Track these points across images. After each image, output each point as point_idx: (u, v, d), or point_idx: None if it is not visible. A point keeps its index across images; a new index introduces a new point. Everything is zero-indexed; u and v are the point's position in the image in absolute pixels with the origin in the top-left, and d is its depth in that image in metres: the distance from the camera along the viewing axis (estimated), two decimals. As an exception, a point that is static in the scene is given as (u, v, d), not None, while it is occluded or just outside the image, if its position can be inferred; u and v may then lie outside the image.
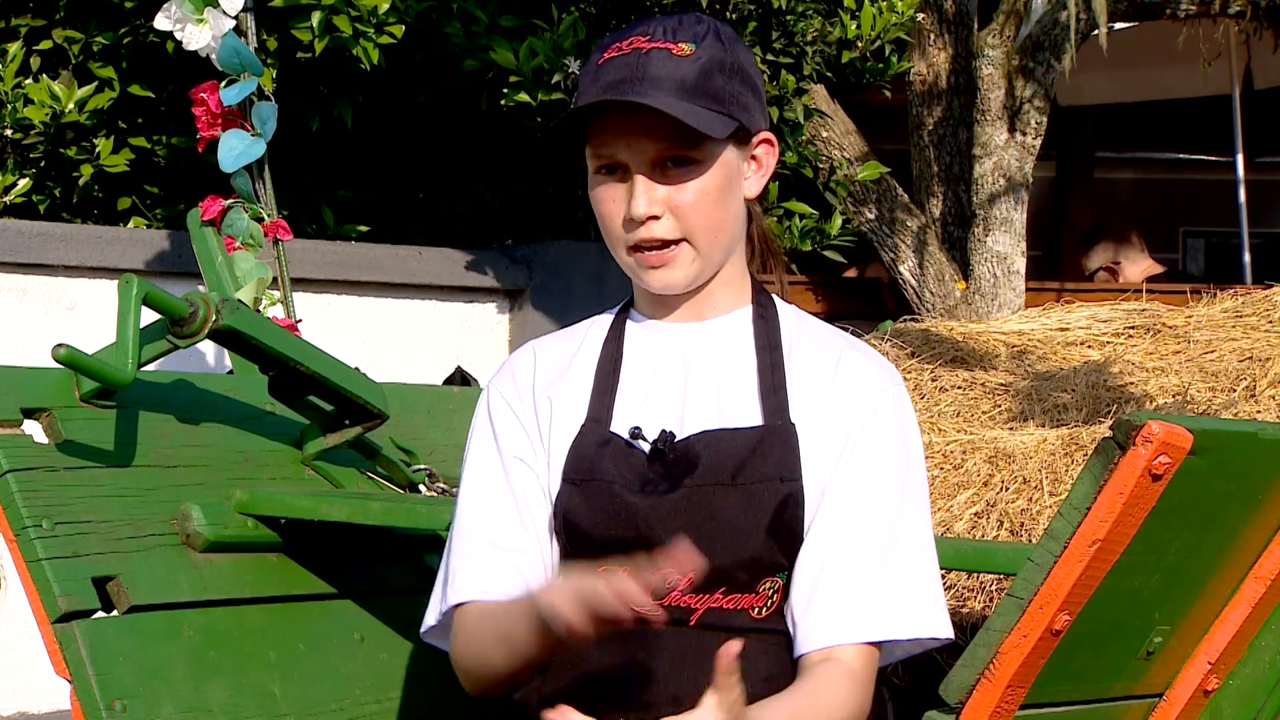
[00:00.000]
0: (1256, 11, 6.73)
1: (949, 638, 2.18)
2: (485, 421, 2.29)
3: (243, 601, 2.52)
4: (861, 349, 2.28)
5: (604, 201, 2.21)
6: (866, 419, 2.20)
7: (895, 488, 2.18)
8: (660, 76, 2.16)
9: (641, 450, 2.19)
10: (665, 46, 2.18)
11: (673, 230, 2.19)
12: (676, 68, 2.17)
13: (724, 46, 2.20)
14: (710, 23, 2.22)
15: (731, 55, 2.20)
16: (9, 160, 5.22)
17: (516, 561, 2.21)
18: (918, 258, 6.53)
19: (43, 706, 4.60)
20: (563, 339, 2.33)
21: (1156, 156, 15.04)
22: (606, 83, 2.17)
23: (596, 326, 2.32)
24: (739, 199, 2.24)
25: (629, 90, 2.15)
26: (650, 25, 2.21)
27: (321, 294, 5.22)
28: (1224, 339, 3.66)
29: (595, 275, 5.61)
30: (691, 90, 2.16)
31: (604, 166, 2.21)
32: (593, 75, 2.20)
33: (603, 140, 2.19)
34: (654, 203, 2.18)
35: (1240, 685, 2.29)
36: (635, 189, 2.18)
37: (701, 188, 2.18)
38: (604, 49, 2.21)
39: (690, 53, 2.18)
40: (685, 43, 2.18)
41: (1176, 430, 1.91)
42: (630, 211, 2.18)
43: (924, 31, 6.56)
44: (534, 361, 2.31)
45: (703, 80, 2.17)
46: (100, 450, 2.43)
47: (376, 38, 4.73)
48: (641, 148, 2.18)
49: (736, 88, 2.20)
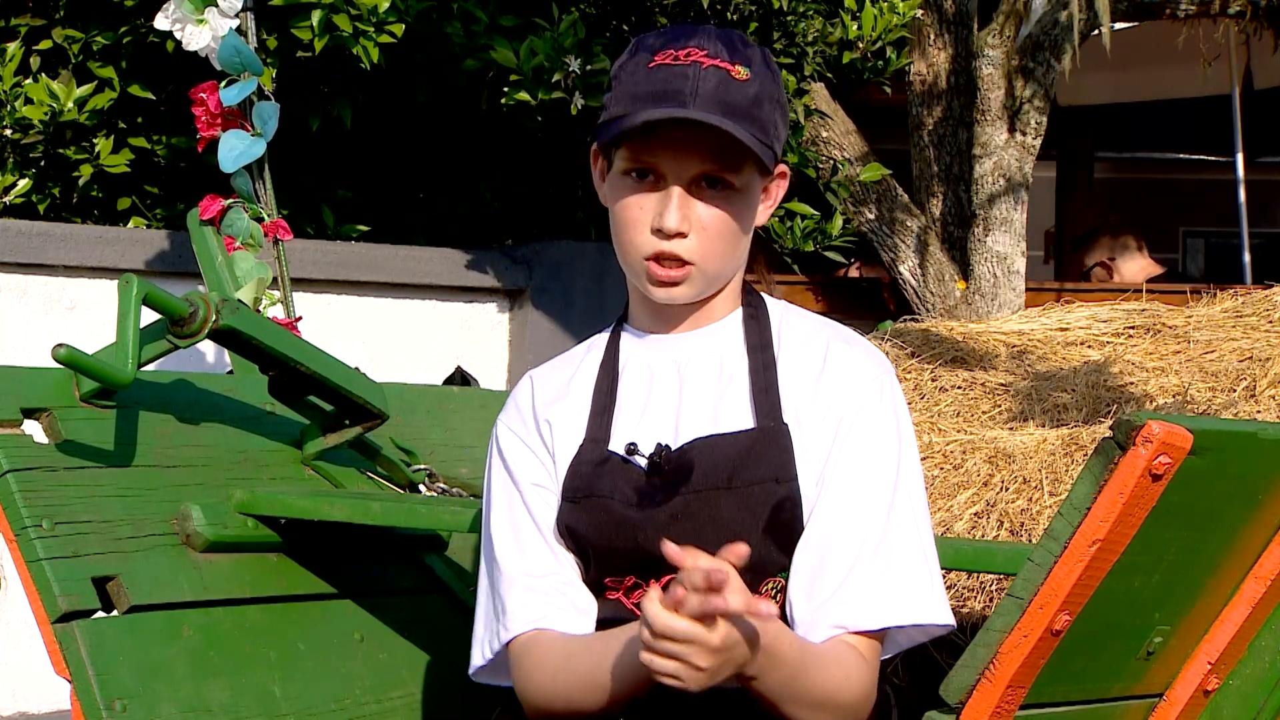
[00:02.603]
0: (1256, 11, 6.73)
1: (950, 623, 2.18)
2: (498, 457, 2.31)
3: (243, 601, 2.52)
4: (849, 339, 2.28)
5: (630, 206, 2.20)
6: (857, 408, 2.21)
7: (889, 476, 2.19)
8: (717, 96, 2.15)
9: (639, 465, 2.20)
10: (724, 67, 2.17)
11: (691, 253, 2.19)
12: (736, 91, 2.16)
13: (773, 76, 2.21)
14: (759, 49, 2.23)
15: (777, 86, 2.22)
16: (9, 160, 5.22)
17: (559, 587, 2.22)
18: (918, 258, 6.53)
19: (43, 706, 4.61)
20: (560, 366, 2.35)
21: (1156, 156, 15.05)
22: (660, 90, 2.16)
23: (593, 350, 2.33)
24: (752, 229, 2.26)
25: (689, 102, 2.14)
26: (705, 39, 2.19)
27: (321, 294, 5.22)
28: (1224, 339, 3.66)
29: (595, 275, 5.61)
30: (743, 116, 2.16)
31: (636, 170, 2.20)
32: (643, 76, 2.18)
33: (646, 146, 2.18)
34: (686, 219, 2.18)
35: (1240, 685, 2.29)
36: (671, 201, 2.17)
37: (729, 214, 2.19)
38: (653, 51, 2.19)
39: (746, 78, 2.17)
40: (741, 66, 2.18)
41: (1176, 430, 1.91)
42: (662, 222, 2.18)
43: (924, 31, 6.57)
44: (532, 390, 2.33)
45: (755, 109, 2.17)
46: (100, 450, 2.43)
47: (376, 37, 4.73)
48: (687, 163, 2.17)
49: (778, 119, 2.21)
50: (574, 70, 4.87)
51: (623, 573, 2.20)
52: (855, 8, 5.45)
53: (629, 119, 2.15)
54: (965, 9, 6.67)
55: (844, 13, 5.44)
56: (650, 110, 2.14)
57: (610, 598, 2.21)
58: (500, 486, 2.29)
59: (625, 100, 2.18)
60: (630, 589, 2.20)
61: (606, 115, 2.21)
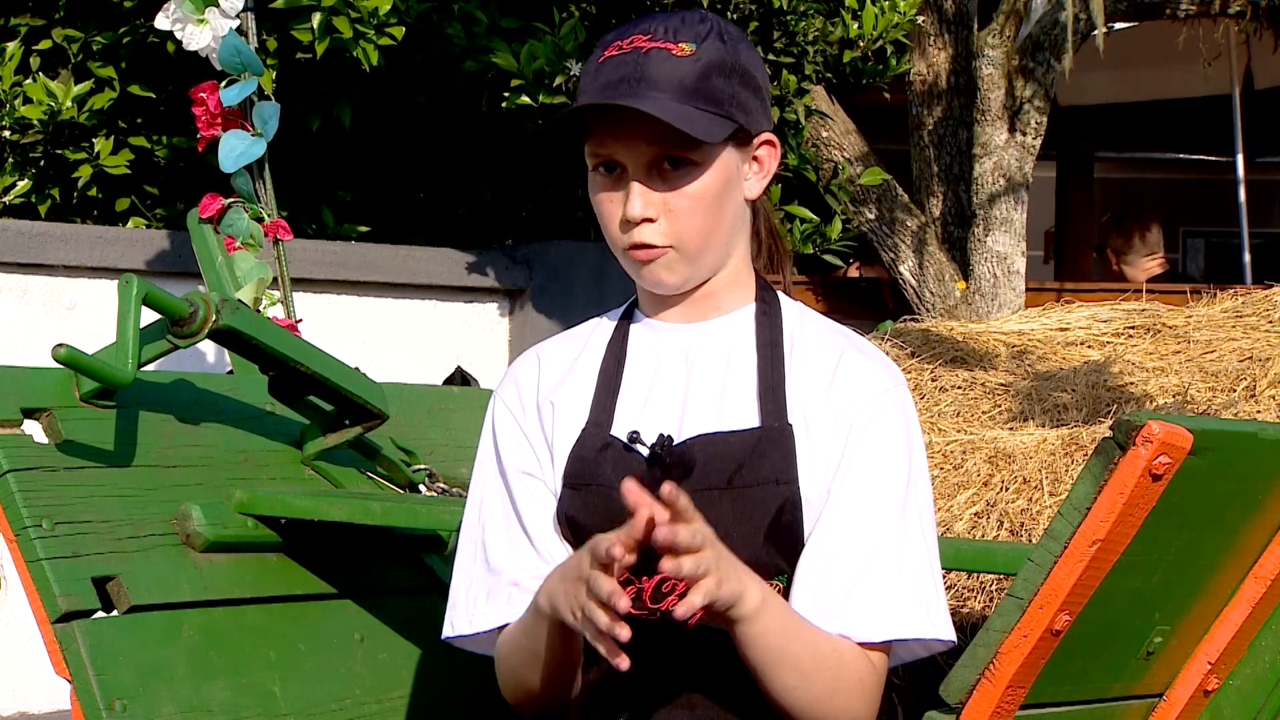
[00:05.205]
0: (1256, 11, 6.74)
1: (952, 640, 2.18)
2: (490, 436, 2.30)
3: (243, 601, 2.52)
4: (863, 348, 2.26)
5: (602, 202, 2.21)
6: (869, 420, 2.19)
7: (899, 489, 2.18)
8: (658, 77, 2.15)
9: (640, 454, 2.19)
10: (665, 46, 2.16)
11: (663, 236, 2.18)
12: (675, 68, 2.15)
13: (726, 46, 2.19)
14: (714, 21, 2.21)
15: (733, 55, 2.19)
16: (8, 160, 5.22)
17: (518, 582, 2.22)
18: (918, 258, 6.53)
19: (43, 706, 4.61)
20: (565, 342, 2.33)
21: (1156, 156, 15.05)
22: (604, 82, 2.17)
23: (600, 328, 2.31)
24: (736, 201, 2.23)
25: (626, 91, 2.14)
26: (652, 23, 2.19)
27: (321, 294, 5.22)
28: (1224, 339, 3.66)
29: (595, 275, 5.61)
30: (689, 92, 2.15)
31: (602, 165, 2.20)
32: (593, 73, 2.19)
33: (600, 140, 2.18)
34: (649, 205, 2.17)
35: (1240, 685, 2.29)
36: (632, 190, 2.17)
37: (698, 191, 2.18)
38: (605, 46, 2.20)
39: (690, 53, 2.16)
40: (686, 42, 2.17)
41: (1176, 430, 1.91)
42: (626, 213, 2.18)
43: (924, 31, 6.57)
44: (538, 366, 2.30)
45: (701, 82, 2.16)
46: (100, 450, 2.43)
47: (377, 39, 4.73)
48: (638, 150, 2.17)
49: (736, 88, 2.18)
50: (574, 74, 4.87)
51: None
52: (856, 7, 5.45)
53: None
54: (965, 9, 6.68)
55: (844, 12, 5.44)
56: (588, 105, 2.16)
57: None
58: (487, 467, 2.28)
59: (581, 98, 2.19)
60: (622, 584, 2.18)
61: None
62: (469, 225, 5.84)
